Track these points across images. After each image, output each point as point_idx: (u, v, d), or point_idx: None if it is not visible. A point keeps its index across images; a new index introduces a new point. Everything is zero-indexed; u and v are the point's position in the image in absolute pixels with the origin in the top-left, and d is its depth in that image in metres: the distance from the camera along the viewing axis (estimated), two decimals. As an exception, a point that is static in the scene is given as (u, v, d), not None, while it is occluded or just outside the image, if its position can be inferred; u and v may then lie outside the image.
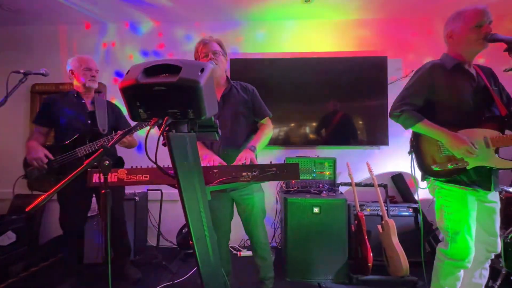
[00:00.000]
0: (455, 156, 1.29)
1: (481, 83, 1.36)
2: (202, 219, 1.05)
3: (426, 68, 1.38)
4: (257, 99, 1.63)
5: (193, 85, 0.76)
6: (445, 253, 1.36)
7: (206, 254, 1.09)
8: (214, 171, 1.10)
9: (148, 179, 1.10)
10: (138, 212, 2.44)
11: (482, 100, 1.34)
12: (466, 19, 1.28)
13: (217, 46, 1.55)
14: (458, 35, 1.32)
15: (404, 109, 1.35)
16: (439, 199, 1.39)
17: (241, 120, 1.57)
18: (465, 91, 1.33)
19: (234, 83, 1.63)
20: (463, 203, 1.30)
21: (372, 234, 2.26)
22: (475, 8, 1.28)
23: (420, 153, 1.39)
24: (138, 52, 2.90)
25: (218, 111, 1.54)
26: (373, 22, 2.78)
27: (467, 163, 1.28)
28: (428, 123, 1.32)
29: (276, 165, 1.09)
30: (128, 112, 0.81)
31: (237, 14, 2.72)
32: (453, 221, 1.32)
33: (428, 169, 1.36)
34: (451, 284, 1.36)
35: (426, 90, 1.36)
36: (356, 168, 2.62)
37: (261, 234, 1.63)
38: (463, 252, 1.29)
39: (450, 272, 1.35)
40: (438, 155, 1.34)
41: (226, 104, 1.57)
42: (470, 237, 1.29)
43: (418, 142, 1.40)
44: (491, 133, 1.28)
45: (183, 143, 0.89)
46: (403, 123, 1.38)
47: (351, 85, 2.69)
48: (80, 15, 2.71)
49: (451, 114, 1.34)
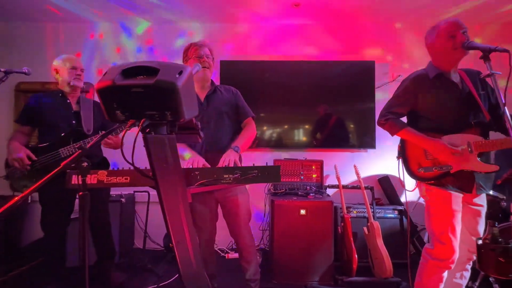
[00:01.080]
0: (439, 161, 1.34)
1: (465, 89, 1.39)
2: (183, 221, 1.04)
3: (410, 79, 1.44)
4: (240, 100, 1.66)
5: (170, 87, 0.75)
6: (430, 252, 1.40)
7: (187, 257, 1.08)
8: (195, 173, 1.09)
9: (129, 181, 1.09)
10: (124, 214, 2.40)
11: (467, 106, 1.37)
12: (440, 33, 1.34)
13: (208, 51, 1.59)
14: (436, 46, 1.38)
15: (389, 118, 1.42)
16: (426, 201, 1.43)
17: (225, 120, 1.59)
18: (448, 99, 1.37)
19: (218, 85, 1.66)
20: (448, 205, 1.34)
21: (358, 236, 2.28)
22: (446, 21, 1.34)
23: (407, 158, 1.44)
24: (126, 51, 2.87)
25: (202, 111, 1.57)
26: (361, 26, 2.83)
27: (451, 167, 1.32)
28: (411, 130, 1.38)
29: (258, 168, 1.10)
30: (105, 113, 0.80)
31: (229, 16, 2.73)
32: (438, 222, 1.36)
33: (415, 173, 1.41)
34: (434, 284, 1.39)
35: (409, 100, 1.43)
36: (344, 170, 2.65)
37: (246, 236, 1.63)
38: (447, 252, 1.33)
39: (434, 271, 1.38)
40: (423, 159, 1.39)
41: (210, 104, 1.59)
42: (454, 237, 1.33)
43: (405, 147, 1.46)
44: (474, 138, 1.32)
45: (162, 145, 0.89)
46: (389, 130, 1.45)
47: (340, 89, 2.73)
48: (67, 13, 2.67)
49: (435, 121, 1.39)
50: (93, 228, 1.90)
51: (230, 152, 1.42)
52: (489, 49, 1.13)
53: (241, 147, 1.48)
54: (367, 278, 1.99)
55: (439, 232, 1.35)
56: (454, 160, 1.31)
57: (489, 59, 1.14)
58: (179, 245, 1.05)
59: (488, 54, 1.14)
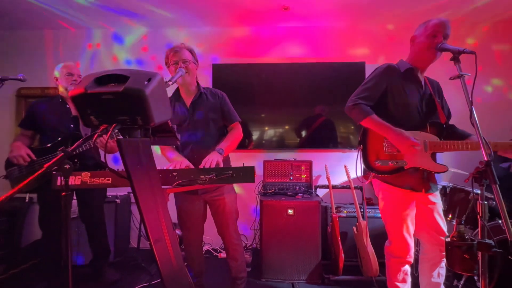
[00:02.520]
0: (396, 155, 1.37)
1: (427, 91, 1.46)
2: (161, 220, 1.09)
3: (382, 68, 1.46)
4: (226, 104, 1.67)
5: (138, 94, 0.81)
6: (389, 251, 1.45)
7: (167, 255, 1.13)
8: (173, 174, 1.15)
9: (111, 182, 1.15)
10: (120, 214, 2.48)
11: (427, 107, 1.44)
12: (427, 27, 1.37)
13: (188, 54, 1.59)
14: (418, 40, 1.41)
15: (358, 103, 1.41)
16: (382, 201, 1.47)
17: (210, 125, 1.62)
18: (413, 95, 1.42)
19: (204, 89, 1.67)
20: (400, 203, 1.39)
21: (348, 236, 2.31)
22: (439, 18, 1.37)
23: (366, 148, 1.45)
24: (123, 57, 2.96)
25: (188, 117, 1.62)
26: (351, 28, 2.86)
27: (406, 163, 1.35)
28: (376, 118, 1.38)
29: (232, 169, 1.15)
30: (80, 119, 0.86)
31: (220, 21, 2.79)
32: (392, 221, 1.41)
33: (371, 164, 1.42)
34: (402, 279, 1.44)
35: (380, 87, 1.43)
36: (336, 171, 2.68)
37: (233, 234, 1.67)
38: (403, 250, 1.40)
39: (397, 268, 1.43)
40: (381, 152, 1.41)
41: (196, 110, 1.61)
42: (408, 235, 1.40)
43: (366, 138, 1.46)
44: (430, 138, 1.37)
45: (136, 148, 0.94)
46: (356, 117, 1.43)
47: (331, 90, 2.76)
48: (65, 21, 2.77)
49: (400, 114, 1.41)
50: (88, 228, 1.98)
51: (213, 154, 1.45)
52: (458, 51, 1.16)
53: (225, 149, 1.51)
54: (353, 277, 2.02)
55: (394, 230, 1.41)
56: (409, 156, 1.34)
57: (459, 61, 1.17)
58: (158, 244, 1.09)
59: (457, 56, 1.17)
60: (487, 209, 1.01)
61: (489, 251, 0.95)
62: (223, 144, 1.54)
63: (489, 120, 2.36)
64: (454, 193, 2.02)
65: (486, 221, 1.01)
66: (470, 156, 1.57)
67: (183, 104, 1.64)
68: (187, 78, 1.56)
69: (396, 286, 1.47)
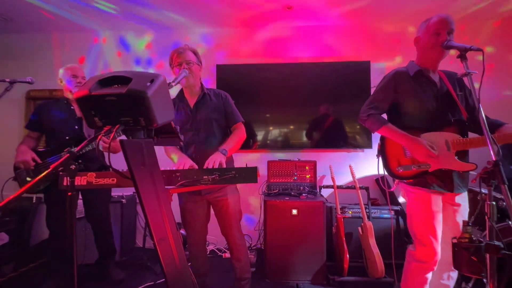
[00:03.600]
0: (418, 159, 1.33)
1: (443, 88, 1.41)
2: (164, 219, 1.10)
3: (391, 75, 1.44)
4: (229, 105, 1.68)
5: (140, 95, 0.82)
6: (412, 254, 1.39)
7: (171, 254, 1.14)
8: (176, 174, 1.16)
9: (115, 182, 1.17)
10: (126, 214, 2.51)
11: (445, 105, 1.38)
12: (429, 26, 1.34)
13: (191, 55, 1.60)
14: (422, 40, 1.38)
15: (371, 113, 1.41)
16: (407, 202, 1.43)
17: (213, 125, 1.62)
18: (426, 96, 1.38)
19: (207, 90, 1.68)
20: (428, 206, 1.34)
21: (354, 236, 2.28)
22: (439, 15, 1.33)
23: (386, 156, 1.43)
24: (130, 59, 2.99)
25: (192, 118, 1.63)
26: (355, 27, 2.83)
27: (429, 166, 1.32)
28: (391, 127, 1.37)
29: (235, 169, 1.15)
30: (85, 120, 0.88)
31: (224, 21, 2.80)
32: (419, 224, 1.36)
33: (393, 171, 1.40)
34: (418, 285, 1.38)
35: (390, 95, 1.42)
36: (340, 171, 2.65)
37: (236, 235, 1.67)
38: (429, 254, 1.33)
39: (418, 274, 1.38)
40: (402, 157, 1.39)
41: (200, 110, 1.63)
42: (435, 239, 1.33)
43: (384, 145, 1.45)
44: (452, 137, 1.32)
45: (139, 149, 0.95)
46: (370, 127, 1.43)
47: (336, 89, 2.74)
48: (71, 24, 2.82)
49: (414, 118, 1.39)
50: (94, 227, 2.01)
51: (216, 154, 1.45)
52: (464, 48, 1.13)
53: (229, 150, 1.51)
54: (359, 278, 1.99)
55: (420, 234, 1.35)
56: (432, 159, 1.31)
57: (466, 58, 1.15)
58: (161, 243, 1.10)
59: (464, 53, 1.14)
60: (496, 210, 0.98)
61: (498, 253, 0.93)
62: (226, 144, 1.55)
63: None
64: (467, 195, 1.97)
65: (494, 222, 0.98)
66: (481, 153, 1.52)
67: (186, 105, 1.65)
68: (190, 79, 1.57)
69: None
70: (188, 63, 1.57)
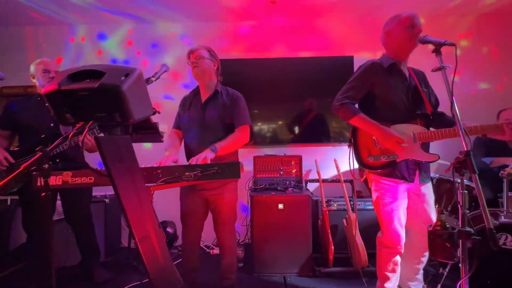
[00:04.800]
0: (387, 150, 1.39)
1: (412, 83, 1.48)
2: (146, 217, 1.08)
3: (367, 65, 1.48)
4: (237, 106, 1.64)
5: (114, 89, 0.79)
6: (381, 241, 1.48)
7: (154, 253, 1.12)
8: (157, 171, 1.13)
9: (93, 181, 1.13)
10: (110, 214, 2.44)
11: (413, 99, 1.46)
12: (402, 20, 1.40)
13: (204, 51, 1.64)
14: (395, 33, 1.44)
15: (345, 102, 1.43)
16: (375, 192, 1.49)
17: (219, 124, 1.61)
18: (398, 89, 1.44)
19: (222, 88, 1.69)
20: (394, 195, 1.42)
21: (339, 228, 2.34)
22: (409, 12, 1.41)
23: (358, 146, 1.48)
24: (107, 53, 2.89)
25: (199, 113, 1.62)
26: (339, 21, 2.85)
27: (397, 156, 1.38)
28: (363, 117, 1.41)
29: (217, 164, 1.14)
30: (56, 117, 0.84)
31: (206, 15, 2.75)
32: (386, 212, 1.43)
33: (364, 161, 1.45)
34: (391, 269, 1.47)
35: (365, 85, 1.46)
36: (327, 164, 2.70)
37: (227, 235, 1.67)
38: (394, 240, 1.43)
39: (387, 258, 1.47)
40: (373, 148, 1.44)
41: (209, 108, 1.63)
42: (399, 226, 1.42)
43: (356, 136, 1.49)
44: (418, 129, 1.40)
45: (115, 146, 0.92)
46: (343, 116, 1.46)
47: (321, 84, 2.76)
48: (46, 17, 2.68)
49: (387, 109, 1.44)
50: (75, 228, 1.95)
51: (206, 151, 1.44)
52: (439, 43, 1.17)
53: (220, 148, 1.49)
54: (344, 268, 2.05)
55: (387, 221, 1.43)
56: (400, 149, 1.37)
57: (440, 53, 1.18)
58: (143, 241, 1.08)
59: (439, 48, 1.18)
60: (467, 198, 1.03)
61: (469, 239, 0.98)
62: (220, 142, 1.52)
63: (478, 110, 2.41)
64: (440, 183, 2.06)
65: (466, 210, 1.03)
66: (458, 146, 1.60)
67: (199, 100, 1.66)
68: (198, 72, 1.61)
69: (386, 275, 1.51)
70: (198, 58, 1.60)
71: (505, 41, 2.82)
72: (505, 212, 1.72)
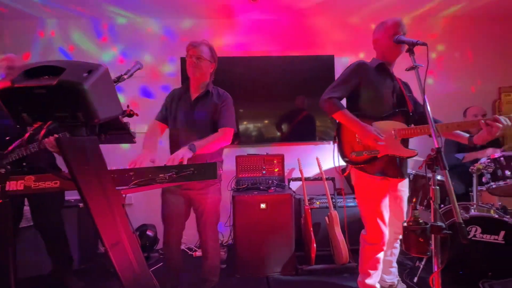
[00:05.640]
0: (369, 145, 1.43)
1: (397, 85, 1.54)
2: (117, 222, 1.02)
3: (355, 64, 1.52)
4: (224, 108, 1.60)
5: (75, 87, 0.74)
6: (365, 238, 1.51)
7: (127, 260, 1.06)
8: (130, 173, 1.08)
9: (58, 186, 1.06)
10: (84, 219, 2.32)
11: (397, 99, 1.52)
12: (386, 29, 1.45)
13: (205, 50, 1.58)
14: (381, 42, 1.49)
15: (331, 97, 1.45)
16: (356, 188, 1.53)
17: (206, 124, 1.58)
18: (386, 87, 1.49)
19: (213, 88, 1.64)
20: (376, 191, 1.46)
21: (322, 226, 2.36)
22: (393, 19, 1.45)
23: (342, 142, 1.51)
24: (81, 49, 2.74)
25: (187, 112, 1.57)
26: (320, 20, 2.88)
27: (378, 152, 1.42)
28: (346, 113, 1.43)
29: (194, 165, 1.10)
30: (11, 116, 0.77)
31: (186, 11, 2.68)
32: (368, 209, 1.47)
33: (347, 156, 1.48)
34: (373, 266, 1.50)
35: (353, 83, 1.49)
36: (309, 163, 2.71)
37: (210, 236, 1.65)
38: (378, 237, 1.46)
39: (370, 255, 1.50)
40: (355, 144, 1.48)
41: (198, 107, 1.59)
42: (382, 222, 1.45)
43: (340, 132, 1.53)
44: (399, 126, 1.44)
45: (80, 147, 0.87)
46: (328, 110, 1.48)
47: (302, 83, 2.78)
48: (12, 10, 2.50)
49: (372, 106, 1.48)
50: (44, 236, 1.83)
51: (182, 149, 1.38)
52: (412, 43, 1.20)
53: (199, 147, 1.43)
54: (326, 265, 2.07)
55: (369, 217, 1.47)
56: (380, 145, 1.40)
57: (413, 53, 1.22)
58: (115, 248, 1.03)
59: (412, 47, 1.21)
60: (439, 194, 1.07)
61: (440, 233, 1.01)
62: (200, 141, 1.46)
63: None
64: (417, 179, 2.13)
65: (441, 204, 1.07)
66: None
67: (188, 98, 1.62)
68: (196, 73, 1.55)
69: (367, 272, 1.53)
70: (198, 58, 1.54)
71: (479, 45, 2.96)
72: (475, 205, 1.81)
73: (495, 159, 1.86)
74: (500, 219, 1.63)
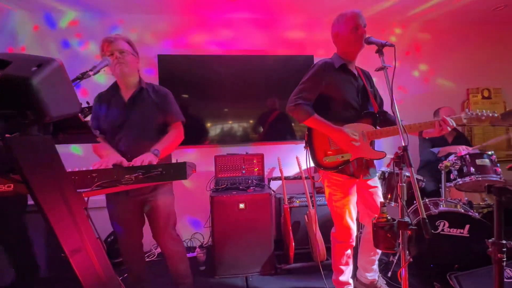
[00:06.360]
0: (342, 150, 1.43)
1: (360, 83, 1.54)
2: (79, 227, 0.97)
3: (319, 65, 1.48)
4: (169, 102, 1.55)
5: (22, 82, 0.68)
6: (335, 236, 1.54)
7: (91, 266, 1.01)
8: (92, 175, 1.02)
9: (12, 189, 0.98)
10: (53, 224, 2.19)
11: (362, 98, 1.52)
12: (346, 22, 1.43)
13: (124, 44, 1.46)
14: (341, 35, 1.47)
15: (299, 103, 1.42)
16: (327, 189, 1.53)
17: (149, 123, 1.50)
18: (350, 89, 1.48)
19: (147, 85, 1.55)
20: (346, 191, 1.47)
21: (301, 224, 2.38)
22: (352, 11, 1.43)
23: (314, 147, 1.49)
24: (50, 45, 2.59)
25: (125, 114, 1.47)
26: (300, 20, 2.90)
27: (351, 155, 1.43)
28: (318, 118, 1.42)
29: (162, 165, 1.06)
30: None
31: (165, 7, 2.60)
32: (338, 208, 1.48)
33: (320, 162, 1.47)
34: (345, 262, 1.54)
35: (318, 85, 1.46)
36: (290, 162, 2.73)
37: (169, 240, 1.56)
38: (346, 235, 1.49)
39: (341, 252, 1.53)
40: (328, 148, 1.47)
41: (135, 106, 1.49)
42: (350, 220, 1.48)
43: (312, 137, 1.51)
44: (367, 128, 1.46)
45: (32, 147, 0.80)
46: (298, 117, 1.45)
47: (281, 83, 2.78)
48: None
49: (340, 109, 1.47)
50: (5, 243, 1.70)
51: (147, 154, 1.32)
52: (381, 44, 1.23)
53: (161, 150, 1.39)
54: (304, 264, 2.09)
55: (339, 216, 1.49)
56: (353, 148, 1.42)
57: (383, 53, 1.24)
58: (76, 255, 0.97)
59: (381, 48, 1.24)
60: (406, 191, 1.10)
61: (407, 229, 1.04)
62: (160, 144, 1.42)
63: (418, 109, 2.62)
64: (391, 177, 2.20)
65: (405, 202, 1.10)
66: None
67: (120, 98, 1.50)
68: (125, 69, 1.43)
69: (340, 269, 1.57)
70: (121, 52, 1.42)
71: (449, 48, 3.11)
72: (444, 201, 1.89)
73: (462, 156, 1.96)
74: (465, 214, 1.72)
